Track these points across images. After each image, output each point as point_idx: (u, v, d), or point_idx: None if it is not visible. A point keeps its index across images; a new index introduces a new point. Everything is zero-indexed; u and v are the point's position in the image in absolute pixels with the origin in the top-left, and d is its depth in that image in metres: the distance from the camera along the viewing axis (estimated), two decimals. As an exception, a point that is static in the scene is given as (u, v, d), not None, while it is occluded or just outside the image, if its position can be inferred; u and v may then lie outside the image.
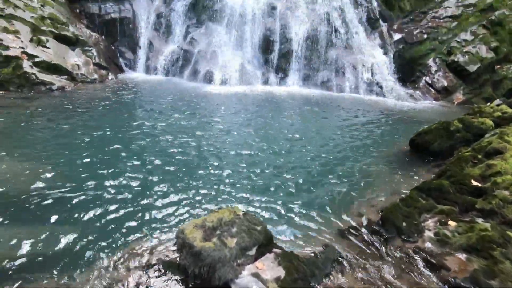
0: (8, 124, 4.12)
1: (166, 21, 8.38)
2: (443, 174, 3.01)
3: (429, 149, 3.96)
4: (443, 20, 8.45)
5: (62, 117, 4.53)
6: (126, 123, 4.50)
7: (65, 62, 6.54)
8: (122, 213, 2.45)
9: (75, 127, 4.20)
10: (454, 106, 7.60)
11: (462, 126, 3.84)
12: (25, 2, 6.53)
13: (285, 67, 7.87)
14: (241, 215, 1.94)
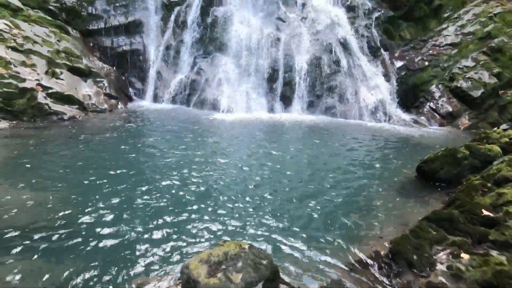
0: (17, 154, 4.22)
1: (175, 53, 8.75)
2: (452, 203, 2.94)
3: (437, 177, 3.91)
4: (443, 48, 8.65)
5: (70, 147, 4.64)
6: (132, 153, 4.57)
7: (77, 92, 6.80)
8: (126, 247, 2.43)
9: (82, 157, 4.28)
10: (460, 131, 7.57)
11: (469, 153, 3.81)
12: (43, 38, 6.93)
13: (290, 94, 8.03)
14: (247, 249, 1.91)
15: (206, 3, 8.63)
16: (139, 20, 8.89)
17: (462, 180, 3.67)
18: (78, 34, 8.27)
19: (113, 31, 8.73)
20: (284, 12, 8.73)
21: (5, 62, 5.88)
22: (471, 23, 8.73)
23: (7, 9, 6.79)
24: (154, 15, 9.06)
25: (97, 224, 2.69)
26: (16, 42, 6.35)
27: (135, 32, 8.89)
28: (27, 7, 7.27)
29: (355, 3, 8.85)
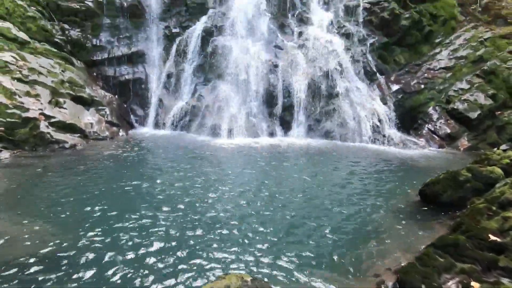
0: (17, 185, 4.20)
1: (176, 80, 8.96)
2: (458, 228, 2.89)
3: (440, 200, 3.86)
4: (438, 71, 8.88)
5: (70, 177, 4.62)
6: (132, 182, 4.55)
7: (79, 121, 6.89)
8: (124, 279, 2.35)
9: (82, 188, 4.26)
10: (460, 153, 7.57)
11: (471, 175, 3.79)
12: (48, 69, 7.14)
13: (289, 119, 8.13)
14: (249, 282, 1.85)
15: (207, 33, 8.97)
16: (142, 51, 9.20)
17: (466, 203, 3.63)
18: (82, 65, 8.52)
19: (116, 61, 9.00)
20: (282, 41, 9.05)
21: (10, 93, 6.01)
22: (463, 48, 9.02)
23: (15, 42, 7.05)
24: (157, 45, 9.39)
25: (96, 257, 2.62)
26: (22, 73, 6.53)
27: (138, 62, 9.16)
28: (34, 40, 7.55)
29: (350, 31, 9.20)
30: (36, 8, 8.07)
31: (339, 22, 9.33)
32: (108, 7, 9.12)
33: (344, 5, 9.58)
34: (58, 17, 8.59)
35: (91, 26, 8.91)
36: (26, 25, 7.61)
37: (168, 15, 9.60)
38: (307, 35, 9.07)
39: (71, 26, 8.70)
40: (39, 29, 7.84)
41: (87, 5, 8.87)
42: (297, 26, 9.32)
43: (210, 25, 9.01)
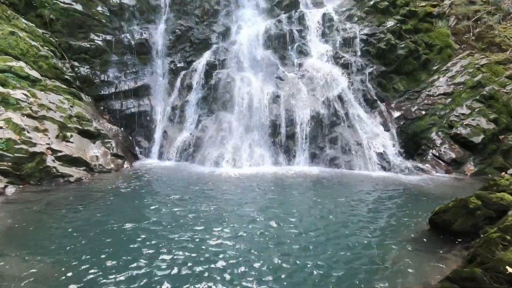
0: (21, 221, 4.17)
1: (180, 112, 9.17)
2: (473, 260, 2.77)
3: (452, 229, 3.75)
4: (438, 97, 9.01)
5: (75, 213, 4.60)
6: (136, 215, 4.51)
7: (85, 154, 6.97)
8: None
9: (87, 223, 4.22)
10: (467, 178, 7.46)
11: (481, 203, 3.70)
12: (57, 104, 7.37)
13: (292, 147, 8.17)
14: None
15: (210, 66, 9.32)
16: (147, 84, 9.53)
17: (479, 232, 3.52)
18: (90, 99, 8.80)
19: (122, 95, 9.30)
20: (283, 72, 9.35)
21: (19, 128, 6.16)
22: (460, 74, 9.22)
23: (27, 80, 7.35)
24: (162, 79, 9.74)
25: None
26: (32, 109, 6.74)
27: (144, 95, 9.45)
28: (45, 78, 7.87)
29: (348, 61, 9.51)
30: (49, 48, 8.51)
31: (337, 53, 9.67)
32: (116, 45, 9.61)
33: (342, 37, 9.99)
34: (69, 55, 9.03)
35: (100, 63, 9.33)
36: (38, 63, 7.98)
37: (173, 51, 10.05)
38: (307, 66, 9.37)
39: (81, 64, 9.11)
40: (50, 67, 8.20)
41: (97, 44, 9.35)
42: (297, 58, 9.67)
43: (213, 59, 9.39)
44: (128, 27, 10.02)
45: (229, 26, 10.26)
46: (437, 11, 10.35)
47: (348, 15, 10.58)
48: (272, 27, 9.96)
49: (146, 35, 9.91)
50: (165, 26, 10.23)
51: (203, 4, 10.46)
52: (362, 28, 10.03)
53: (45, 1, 8.95)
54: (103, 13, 9.79)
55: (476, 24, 10.11)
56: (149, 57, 9.89)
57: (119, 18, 10.05)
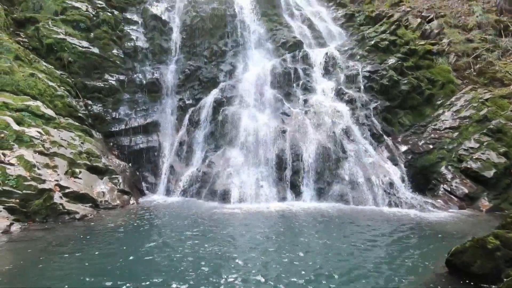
0: (25, 261, 4.09)
1: (188, 148, 9.30)
2: (497, 308, 2.57)
3: (471, 271, 3.53)
4: (444, 131, 8.99)
5: (80, 251, 4.51)
6: (138, 256, 4.39)
7: (92, 190, 7.00)
8: None
9: (91, 262, 4.12)
10: (482, 214, 7.17)
11: (500, 242, 3.52)
12: (68, 141, 7.57)
13: (299, 183, 8.07)
14: None
15: (217, 103, 9.61)
16: (157, 121, 9.80)
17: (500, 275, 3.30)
18: (100, 136, 9.04)
19: (132, 131, 9.54)
20: (288, 108, 9.56)
21: (30, 165, 6.29)
22: (465, 108, 9.27)
23: (42, 118, 7.65)
24: (171, 116, 10.03)
25: None
26: (44, 146, 6.93)
27: (152, 131, 9.68)
28: (59, 116, 8.18)
29: (353, 97, 9.70)
30: (65, 88, 8.96)
31: (341, 89, 9.91)
32: (128, 85, 10.08)
33: (345, 74, 10.31)
34: (83, 94, 9.46)
35: (112, 101, 9.72)
36: (54, 102, 8.35)
37: (182, 89, 10.48)
38: (312, 102, 9.58)
39: (94, 102, 9.50)
40: (65, 105, 8.57)
41: (111, 83, 9.83)
42: (302, 94, 9.92)
43: (220, 96, 9.70)
44: (140, 68, 10.57)
45: (236, 65, 10.74)
46: (436, 49, 10.72)
47: (350, 54, 11.01)
48: (278, 66, 10.38)
49: (157, 75, 10.41)
50: (176, 66, 10.78)
51: (212, 46, 11.08)
52: (365, 66, 10.38)
53: (65, 45, 9.60)
54: (118, 55, 10.42)
55: (476, 60, 10.38)
56: (159, 95, 10.29)
57: (133, 59, 10.67)
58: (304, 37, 11.72)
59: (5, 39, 8.47)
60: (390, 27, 11.32)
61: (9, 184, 5.83)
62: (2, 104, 7.10)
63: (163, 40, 11.18)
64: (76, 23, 10.22)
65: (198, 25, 11.26)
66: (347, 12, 13.36)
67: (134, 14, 11.78)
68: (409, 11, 12.44)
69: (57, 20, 9.98)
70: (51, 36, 9.55)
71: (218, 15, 11.33)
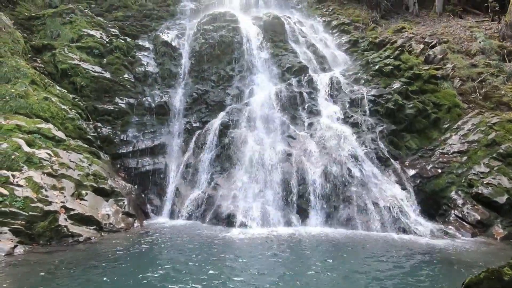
0: (29, 285, 4.03)
1: (193, 170, 9.31)
2: None
3: (488, 306, 3.34)
4: (452, 155, 8.87)
5: (83, 275, 4.44)
6: (139, 283, 4.30)
7: (97, 213, 6.98)
8: None
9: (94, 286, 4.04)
10: (497, 242, 6.89)
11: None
12: (76, 163, 7.67)
13: (305, 207, 7.94)
14: None
15: (224, 126, 9.72)
16: (164, 143, 9.92)
17: (520, 310, 3.11)
18: (108, 158, 9.14)
19: (139, 153, 9.65)
20: (294, 131, 9.61)
21: (38, 187, 6.35)
22: (473, 132, 9.19)
23: (53, 140, 7.82)
24: (177, 138, 10.16)
25: None
26: (52, 168, 7.02)
27: (159, 153, 9.77)
28: (69, 138, 8.36)
29: (358, 120, 9.74)
30: (76, 111, 9.22)
31: (346, 113, 9.99)
32: (138, 108, 10.33)
33: (350, 98, 10.42)
34: (94, 116, 9.71)
35: (121, 123, 9.93)
36: (65, 125, 8.57)
37: (190, 112, 10.68)
38: (318, 125, 9.63)
39: (104, 124, 9.72)
40: (75, 128, 8.78)
41: (120, 106, 10.09)
42: (307, 118, 10.01)
43: (227, 119, 9.84)
44: (150, 91, 10.88)
45: (242, 89, 10.97)
46: (440, 74, 10.84)
47: (354, 78, 11.19)
48: (283, 90, 10.57)
49: (166, 98, 10.68)
50: (184, 90, 11.06)
51: (219, 71, 11.41)
52: (370, 90, 10.50)
53: (78, 70, 10.00)
54: (128, 79, 10.78)
55: (481, 85, 10.42)
56: (167, 117, 10.49)
57: (143, 83, 11.01)
58: (309, 62, 12.01)
59: (22, 65, 8.88)
60: (393, 52, 11.56)
61: (16, 206, 5.87)
62: (15, 126, 7.31)
63: (172, 65, 11.57)
64: (90, 49, 10.70)
65: (206, 51, 11.66)
66: (351, 38, 13.72)
67: (145, 41, 12.31)
68: (411, 37, 12.73)
69: (72, 47, 10.47)
70: (66, 61, 9.98)
71: (226, 41, 11.75)
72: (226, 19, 12.49)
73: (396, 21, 15.49)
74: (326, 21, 15.31)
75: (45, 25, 11.18)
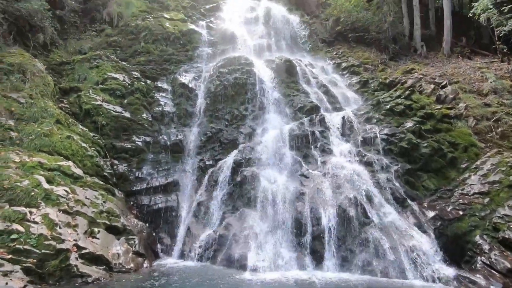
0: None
1: (205, 208, 9.24)
2: None
3: None
4: (473, 197, 8.50)
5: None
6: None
7: (107, 252, 6.91)
8: None
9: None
10: (533, 295, 6.29)
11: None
12: (91, 200, 7.79)
13: (320, 249, 7.61)
14: None
15: (237, 164, 9.80)
16: (177, 181, 10.01)
17: None
18: (122, 195, 9.26)
19: (152, 190, 9.73)
20: (307, 169, 9.56)
21: (52, 224, 6.43)
22: (493, 172, 8.88)
23: (71, 177, 8.05)
24: (191, 176, 10.26)
25: None
26: (68, 205, 7.14)
27: (172, 191, 9.82)
28: (86, 175, 8.59)
29: (371, 159, 9.64)
30: (95, 148, 9.58)
31: (360, 152, 9.93)
32: (153, 145, 10.65)
33: (362, 136, 10.43)
34: (111, 154, 10.03)
35: (137, 161, 10.19)
36: (83, 162, 8.87)
37: (203, 150, 10.89)
38: (331, 164, 9.56)
39: (120, 162, 9.99)
40: (93, 165, 9.05)
41: (137, 144, 10.44)
42: (320, 156, 9.99)
43: (240, 157, 9.94)
44: (166, 130, 11.27)
45: (255, 128, 11.22)
46: (453, 113, 10.82)
47: (366, 117, 11.30)
48: (295, 128, 10.73)
49: (181, 136, 11.00)
50: (198, 128, 11.41)
51: (233, 110, 11.80)
52: (382, 129, 10.51)
53: (100, 111, 10.58)
54: (146, 118, 11.28)
55: (497, 124, 10.29)
56: (181, 155, 10.71)
57: (160, 122, 11.47)
58: (320, 102, 12.30)
59: (50, 105, 9.49)
60: (404, 92, 11.73)
61: (30, 243, 5.91)
62: (37, 163, 7.62)
63: (188, 105, 12.09)
64: (113, 91, 11.40)
65: (221, 92, 12.20)
66: (361, 79, 14.12)
67: (164, 82, 13.05)
68: (421, 77, 12.98)
69: (97, 89, 11.20)
70: (90, 102, 10.62)
71: (240, 83, 12.31)
72: (241, 62, 13.20)
73: (405, 62, 15.95)
74: (336, 63, 15.93)
75: (74, 70, 12.11)
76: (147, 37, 14.95)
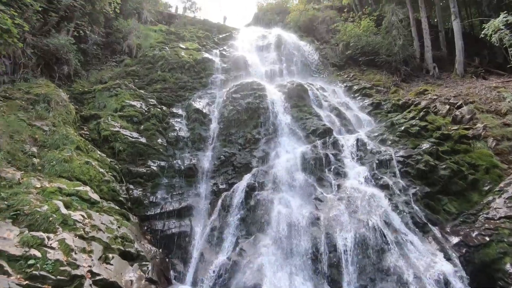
0: None
1: (219, 234, 9.12)
2: None
3: None
4: (500, 221, 8.06)
5: None
6: None
7: (121, 278, 6.84)
8: None
9: None
10: None
11: None
12: (107, 225, 7.85)
13: (338, 278, 7.28)
14: None
15: (250, 188, 9.75)
16: (190, 205, 10.00)
17: None
18: (136, 219, 9.29)
19: (166, 215, 9.73)
20: (321, 193, 9.39)
21: (69, 249, 6.47)
22: (519, 195, 8.45)
23: (88, 202, 8.19)
24: (204, 200, 10.25)
25: None
26: (84, 230, 7.21)
27: (185, 216, 9.80)
28: (102, 200, 8.73)
29: (388, 182, 9.38)
30: (112, 173, 9.78)
31: (375, 175, 9.72)
32: (168, 170, 10.79)
33: (377, 159, 10.24)
34: (127, 179, 10.20)
35: (151, 185, 10.31)
36: (100, 187, 9.04)
37: (217, 174, 10.94)
38: (346, 188, 9.38)
39: (135, 186, 10.13)
40: (109, 190, 9.21)
41: (152, 169, 10.61)
42: (334, 180, 9.83)
43: (253, 181, 9.91)
44: (180, 154, 11.46)
45: (268, 152, 11.24)
46: (472, 134, 10.55)
47: (381, 139, 11.16)
48: (308, 152, 10.68)
49: (195, 161, 11.14)
50: (212, 153, 11.54)
51: (246, 134, 11.94)
52: (397, 151, 10.32)
53: (118, 137, 10.93)
54: (161, 143, 11.54)
55: (519, 144, 9.93)
56: (195, 179, 10.78)
57: (174, 147, 11.70)
58: (333, 124, 12.30)
59: (71, 133, 9.90)
60: (418, 113, 11.61)
61: (46, 269, 5.94)
62: (57, 189, 7.83)
63: (202, 130, 12.34)
64: (131, 117, 11.83)
65: (234, 116, 12.44)
66: (373, 101, 14.12)
67: (179, 108, 13.46)
68: (435, 98, 12.86)
69: (115, 116, 11.65)
70: (108, 129, 11.01)
71: (253, 107, 12.54)
72: (253, 88, 13.52)
73: (418, 84, 15.91)
74: (347, 86, 16.08)
75: (95, 98, 12.72)
76: (164, 66, 15.69)
